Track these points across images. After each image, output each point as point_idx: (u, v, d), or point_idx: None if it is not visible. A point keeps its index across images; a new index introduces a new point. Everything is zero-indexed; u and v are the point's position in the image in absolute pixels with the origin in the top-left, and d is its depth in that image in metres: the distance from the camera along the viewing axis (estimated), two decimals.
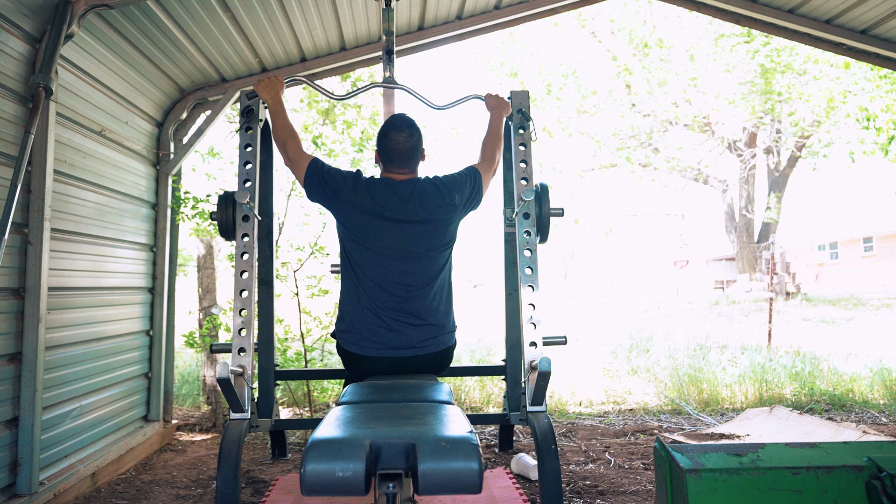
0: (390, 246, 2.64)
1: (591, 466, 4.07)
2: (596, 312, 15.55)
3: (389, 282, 2.64)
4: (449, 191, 2.73)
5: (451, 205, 2.72)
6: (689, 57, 17.37)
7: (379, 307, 2.64)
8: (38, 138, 3.08)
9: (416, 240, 2.66)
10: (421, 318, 2.66)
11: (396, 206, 2.64)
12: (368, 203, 2.64)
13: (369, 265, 2.66)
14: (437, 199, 2.69)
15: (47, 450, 3.30)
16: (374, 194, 2.65)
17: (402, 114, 2.85)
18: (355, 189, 2.66)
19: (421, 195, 2.68)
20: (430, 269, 2.70)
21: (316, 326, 4.96)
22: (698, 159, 21.31)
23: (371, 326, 2.64)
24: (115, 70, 3.88)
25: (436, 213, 2.68)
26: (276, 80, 3.02)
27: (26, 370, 3.05)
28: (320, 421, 1.88)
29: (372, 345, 2.64)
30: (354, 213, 2.65)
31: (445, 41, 5.02)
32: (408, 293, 2.65)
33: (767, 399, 5.60)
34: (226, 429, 2.70)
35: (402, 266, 2.65)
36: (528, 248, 3.08)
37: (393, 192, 2.67)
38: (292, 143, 2.81)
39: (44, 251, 3.11)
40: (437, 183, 2.75)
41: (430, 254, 2.69)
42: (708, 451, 1.89)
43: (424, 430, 1.72)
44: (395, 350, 2.64)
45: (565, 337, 3.19)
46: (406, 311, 2.64)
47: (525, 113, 3.33)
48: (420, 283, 2.67)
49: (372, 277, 2.65)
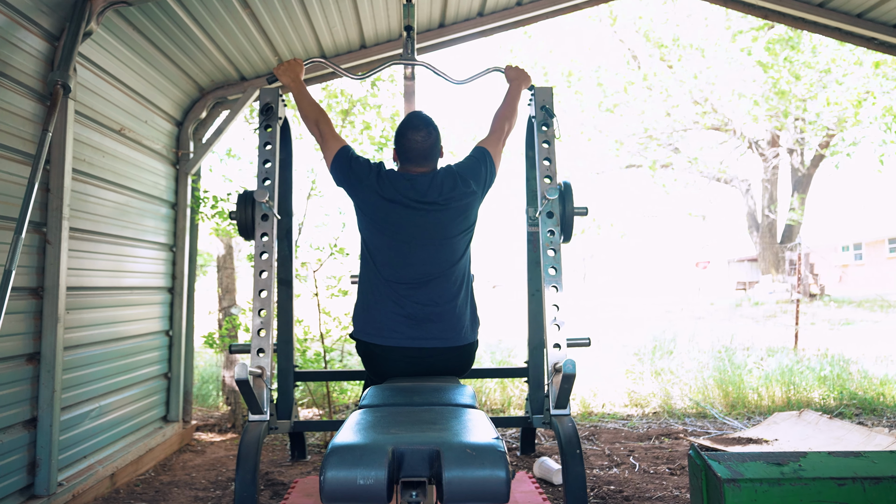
0: (409, 232, 2.62)
1: (615, 471, 3.98)
2: (616, 313, 15.40)
3: (409, 269, 2.61)
4: (465, 179, 2.70)
5: (469, 192, 2.70)
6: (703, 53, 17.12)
7: (398, 295, 2.60)
8: (57, 136, 3.05)
9: (435, 225, 2.64)
10: (441, 305, 2.61)
11: (416, 195, 2.63)
12: (388, 191, 2.62)
13: (388, 252, 2.63)
14: (455, 187, 2.67)
15: (66, 450, 3.28)
16: (395, 184, 2.64)
17: (420, 111, 2.82)
18: (378, 178, 2.65)
19: (440, 184, 2.66)
20: (450, 256, 2.66)
21: (335, 327, 4.91)
22: (720, 159, 21.04)
23: (391, 315, 2.60)
24: (135, 68, 3.85)
25: (454, 199, 2.66)
26: (294, 63, 3.00)
27: (45, 370, 3.02)
28: (340, 424, 1.82)
29: (392, 334, 2.59)
30: (374, 200, 2.64)
31: (467, 38, 4.95)
32: (427, 280, 2.61)
33: (795, 402, 5.47)
34: (244, 430, 2.65)
35: (422, 252, 2.61)
36: (552, 247, 3.01)
37: (413, 184, 2.65)
38: (324, 120, 2.83)
39: (62, 250, 3.08)
40: (452, 172, 2.72)
41: (450, 240, 2.66)
42: (746, 459, 1.80)
43: (449, 436, 1.66)
44: (416, 340, 2.59)
45: (589, 338, 3.11)
46: (426, 299, 2.60)
47: (549, 109, 3.24)
48: (440, 269, 2.63)
49: (391, 265, 2.62)
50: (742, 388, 5.68)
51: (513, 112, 3.02)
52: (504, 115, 2.99)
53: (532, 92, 3.30)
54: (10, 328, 2.85)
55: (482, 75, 3.36)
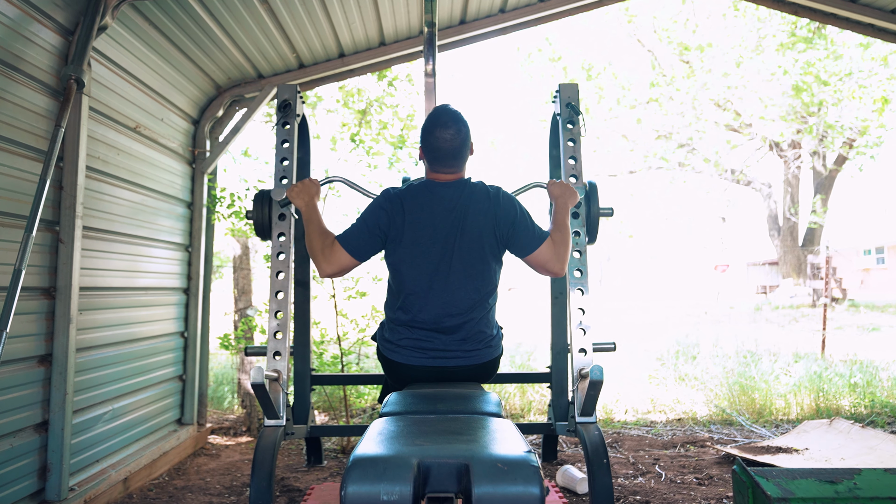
0: (434, 258, 2.43)
1: (640, 480, 3.85)
2: (636, 317, 15.21)
3: (433, 297, 2.43)
4: (498, 203, 2.48)
5: (494, 227, 2.46)
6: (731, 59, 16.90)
7: (423, 322, 2.44)
8: (70, 133, 2.99)
9: (462, 252, 2.44)
10: (466, 332, 2.46)
11: (441, 213, 2.43)
12: (408, 216, 2.43)
13: (412, 277, 2.45)
14: (485, 207, 2.46)
15: (78, 454, 3.21)
16: (416, 205, 2.44)
17: (447, 106, 2.60)
18: (392, 209, 2.44)
19: (468, 201, 2.46)
20: (478, 285, 2.46)
21: (353, 329, 4.82)
22: (741, 161, 20.76)
23: (413, 339, 2.46)
24: (151, 65, 3.78)
25: (483, 223, 2.45)
26: (310, 184, 2.65)
27: (57, 372, 2.95)
28: (358, 429, 1.72)
29: (413, 353, 2.47)
30: (395, 234, 2.45)
31: (488, 35, 4.85)
32: (453, 309, 2.43)
33: (824, 410, 5.30)
34: (260, 436, 2.57)
35: (447, 281, 2.43)
36: (577, 249, 2.91)
37: (437, 199, 2.45)
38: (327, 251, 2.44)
39: (75, 250, 3.01)
40: (492, 191, 2.51)
41: (477, 267, 2.46)
42: (797, 477, 1.68)
43: (478, 448, 1.55)
44: (439, 360, 2.46)
45: (614, 343, 3.01)
46: (451, 327, 2.44)
47: (574, 107, 3.13)
48: (467, 299, 2.45)
49: (415, 290, 2.44)
50: (769, 394, 5.52)
51: (567, 238, 2.54)
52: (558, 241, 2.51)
53: (557, 89, 3.20)
54: (22, 329, 2.78)
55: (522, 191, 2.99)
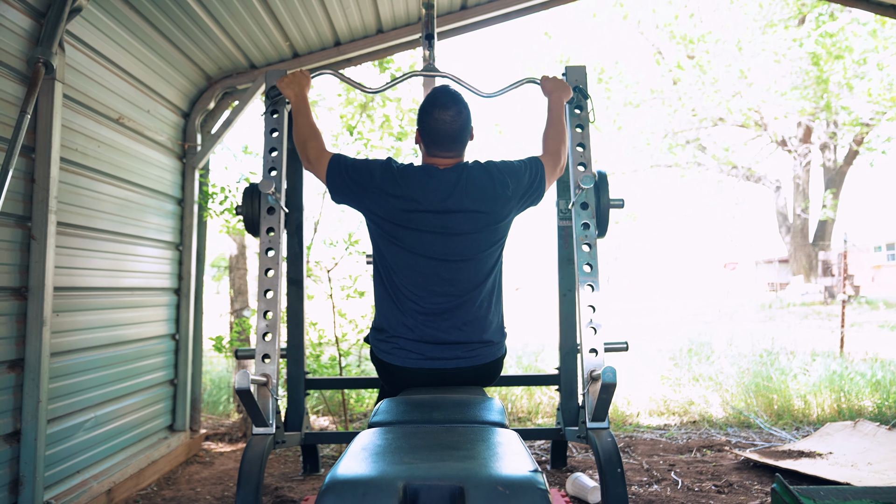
0: (430, 246, 2.25)
1: (655, 488, 3.63)
2: (646, 317, 14.95)
3: (429, 289, 2.25)
4: (502, 178, 2.31)
5: (503, 196, 2.29)
6: (737, 49, 16.59)
7: (418, 318, 2.26)
8: (43, 122, 2.79)
9: (462, 238, 2.26)
10: (466, 329, 2.27)
11: (438, 197, 2.24)
12: (403, 194, 2.24)
13: (406, 269, 2.27)
14: (487, 188, 2.27)
15: (55, 465, 3.01)
16: (411, 184, 2.25)
17: (446, 87, 2.43)
18: (384, 179, 2.26)
19: (468, 184, 2.26)
20: (478, 274, 2.29)
21: (352, 330, 4.62)
22: (750, 157, 20.45)
23: (409, 338, 2.27)
24: (135, 53, 3.59)
25: (485, 205, 2.26)
26: (300, 76, 2.65)
27: (29, 378, 2.75)
28: (349, 438, 1.52)
29: (409, 355, 2.27)
30: (386, 209, 2.25)
31: (490, 21, 4.63)
32: (451, 302, 2.26)
33: (846, 411, 5.07)
34: (247, 445, 2.37)
35: (445, 270, 2.25)
36: (587, 242, 2.68)
37: (434, 182, 2.26)
38: (313, 143, 2.43)
39: (48, 247, 2.81)
40: (488, 168, 2.33)
41: (478, 255, 2.29)
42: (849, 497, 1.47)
43: (475, 467, 1.34)
44: (437, 361, 2.26)
45: (626, 343, 2.79)
46: (448, 325, 2.26)
47: (582, 90, 2.91)
48: (465, 289, 2.27)
49: (409, 284, 2.26)
50: (787, 395, 5.29)
51: (562, 130, 2.58)
52: (554, 135, 2.55)
53: (563, 73, 2.99)
54: None
55: (514, 87, 2.97)
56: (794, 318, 13.54)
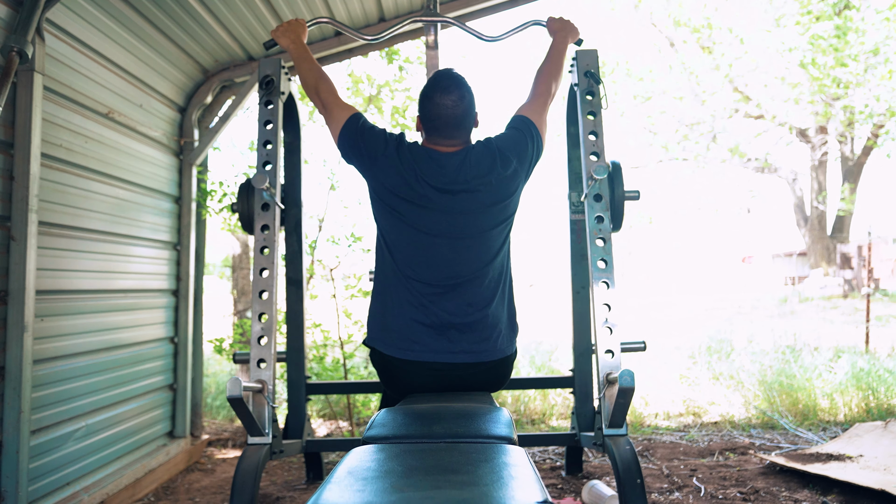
0: (436, 222, 2.15)
1: (677, 495, 3.44)
2: (662, 313, 14.68)
3: (434, 269, 2.15)
4: (505, 157, 2.21)
5: (510, 173, 2.21)
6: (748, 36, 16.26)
7: (421, 301, 2.15)
8: (22, 116, 2.63)
9: (468, 215, 2.16)
10: (472, 313, 2.15)
11: (444, 179, 2.16)
12: (412, 168, 2.15)
13: (410, 247, 2.17)
14: (493, 167, 2.19)
15: (42, 478, 2.85)
16: (419, 163, 2.17)
17: (450, 69, 2.31)
18: (398, 151, 2.18)
19: (474, 165, 2.17)
20: (485, 253, 2.19)
21: (357, 331, 4.45)
22: (765, 150, 20.07)
23: (411, 323, 2.14)
24: (124, 44, 3.42)
25: (492, 183, 2.18)
26: (296, 23, 2.56)
27: (10, 387, 2.60)
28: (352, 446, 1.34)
29: (412, 345, 2.14)
30: (393, 181, 2.17)
31: (498, 8, 4.43)
32: (456, 284, 2.15)
33: (875, 411, 4.84)
34: (241, 457, 2.21)
35: (450, 248, 2.15)
36: (601, 236, 2.49)
37: (437, 165, 2.17)
38: (324, 86, 2.37)
39: (29, 247, 2.65)
40: (491, 147, 2.22)
41: (485, 233, 2.19)
42: None
43: (478, 496, 1.16)
44: (441, 354, 2.13)
45: (644, 342, 2.60)
46: (454, 306, 2.14)
47: (594, 75, 2.71)
48: (471, 270, 2.17)
49: (413, 264, 2.16)
50: (812, 394, 5.06)
51: (558, 70, 2.53)
52: (548, 72, 2.50)
53: (574, 57, 2.79)
54: None
55: (520, 30, 2.86)
56: (815, 312, 13.25)
